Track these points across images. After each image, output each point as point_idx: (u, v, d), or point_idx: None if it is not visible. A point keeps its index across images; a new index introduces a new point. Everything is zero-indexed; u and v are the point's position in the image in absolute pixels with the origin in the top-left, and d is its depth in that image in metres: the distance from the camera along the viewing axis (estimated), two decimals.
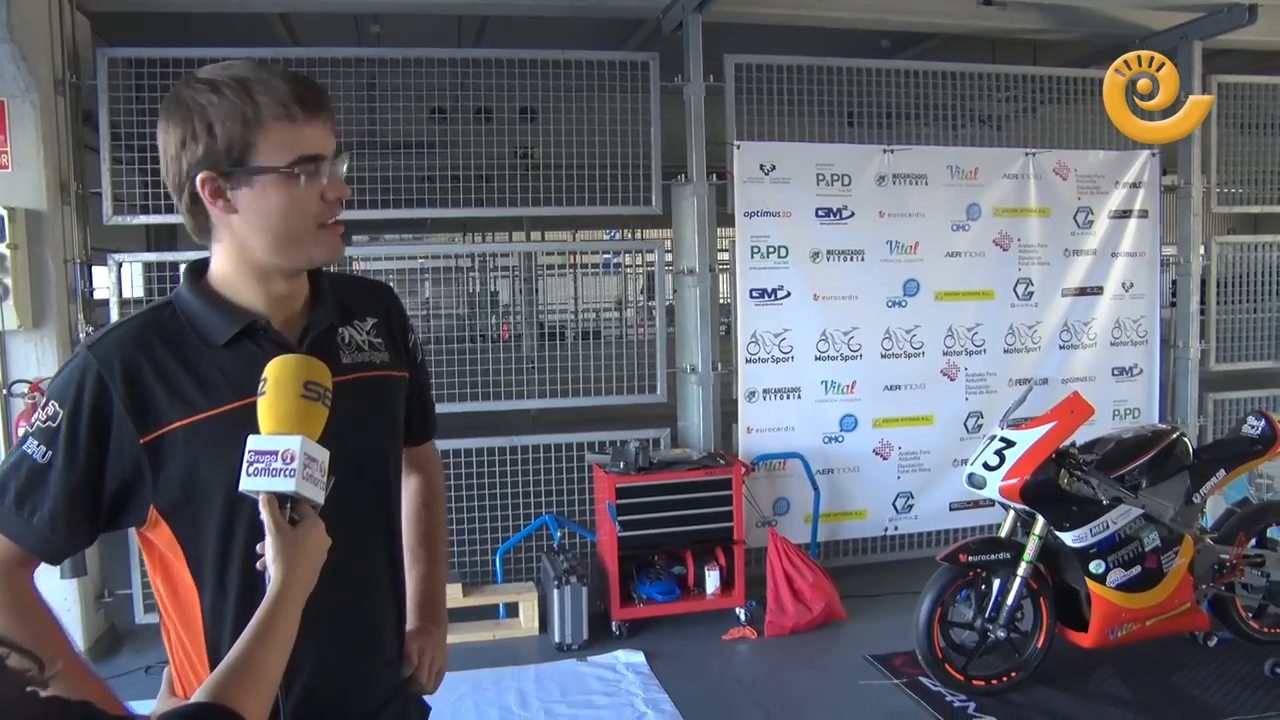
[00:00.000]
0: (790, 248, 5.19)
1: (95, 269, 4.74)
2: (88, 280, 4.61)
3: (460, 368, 4.97)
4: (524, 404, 5.26)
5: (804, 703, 4.01)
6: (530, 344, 9.08)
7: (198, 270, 1.43)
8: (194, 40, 4.79)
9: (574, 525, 5.01)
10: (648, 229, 9.42)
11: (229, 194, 1.33)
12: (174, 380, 1.33)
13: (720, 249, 5.50)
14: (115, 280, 4.80)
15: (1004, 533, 4.03)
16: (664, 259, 5.40)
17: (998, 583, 3.88)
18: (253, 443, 1.22)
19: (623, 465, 4.70)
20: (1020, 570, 3.84)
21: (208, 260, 1.43)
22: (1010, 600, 3.85)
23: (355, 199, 4.50)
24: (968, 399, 5.53)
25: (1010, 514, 4.02)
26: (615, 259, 13.76)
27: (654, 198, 5.09)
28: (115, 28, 5.32)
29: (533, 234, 11.41)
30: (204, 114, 1.30)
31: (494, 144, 5.05)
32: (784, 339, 5.23)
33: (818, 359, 5.28)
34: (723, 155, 5.16)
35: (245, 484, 1.21)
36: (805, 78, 5.25)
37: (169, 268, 4.95)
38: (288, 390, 1.24)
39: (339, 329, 1.48)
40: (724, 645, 4.55)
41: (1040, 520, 3.85)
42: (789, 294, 5.21)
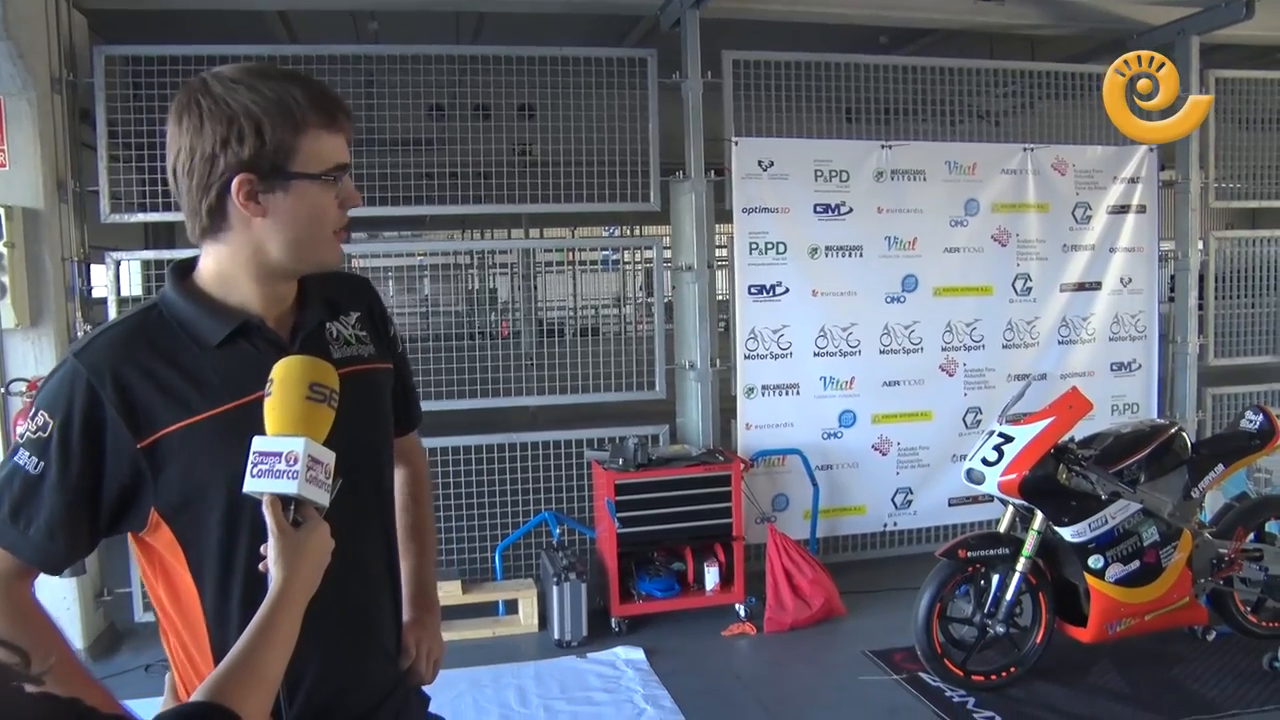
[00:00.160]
0: (789, 244, 5.19)
1: (93, 267, 4.74)
2: (85, 278, 4.61)
3: (460, 365, 4.97)
4: (523, 401, 5.27)
5: (803, 698, 4.01)
6: (529, 341, 9.10)
7: (182, 271, 1.42)
8: (191, 38, 4.77)
9: (573, 522, 5.01)
10: (646, 225, 9.42)
11: (261, 197, 1.32)
12: (167, 383, 1.32)
13: (719, 245, 5.50)
14: (113, 278, 4.81)
15: (1003, 528, 4.03)
16: (662, 255, 5.40)
17: (997, 578, 3.88)
18: (257, 444, 1.22)
19: (622, 462, 4.70)
20: (1019, 565, 3.84)
21: (192, 261, 1.42)
22: (1009, 595, 3.85)
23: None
24: (966, 394, 5.54)
25: (1009, 509, 4.02)
26: (614, 255, 13.77)
27: (652, 194, 5.09)
28: (112, 25, 5.31)
29: (531, 231, 11.41)
30: (250, 114, 1.28)
31: (492, 141, 5.05)
32: (782, 335, 5.23)
33: (816, 355, 5.28)
34: (721, 151, 5.15)
35: (249, 485, 1.21)
36: (803, 74, 5.25)
37: (167, 266, 4.94)
38: (293, 391, 1.24)
39: (326, 324, 1.48)
40: (723, 641, 4.56)
41: (1039, 515, 3.85)
42: (787, 290, 5.21)
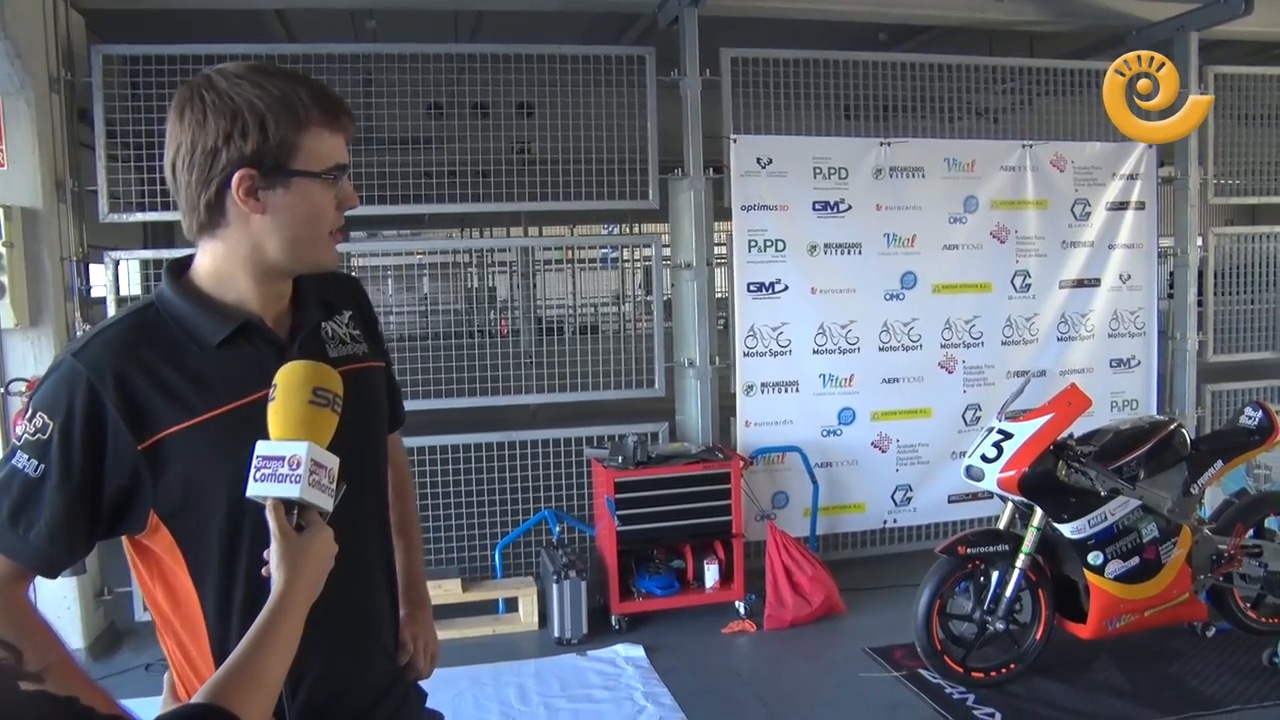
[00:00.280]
0: (787, 241, 5.19)
1: (92, 267, 4.73)
2: (84, 278, 4.60)
3: (459, 363, 4.97)
4: (523, 399, 5.27)
5: (803, 696, 4.01)
6: (528, 339, 9.10)
7: (178, 269, 1.40)
8: (189, 37, 4.76)
9: (573, 520, 5.01)
10: (645, 223, 9.42)
11: (261, 193, 1.31)
12: (168, 384, 1.31)
13: (717, 243, 5.50)
14: (112, 278, 4.81)
15: (1002, 525, 4.03)
16: (661, 253, 5.40)
17: (996, 575, 3.88)
18: (260, 448, 1.21)
19: (621, 460, 4.70)
20: (1019, 562, 3.84)
21: (188, 259, 1.41)
22: (1009, 592, 3.85)
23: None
24: (965, 391, 5.54)
25: (1008, 506, 4.03)
26: (613, 253, 13.79)
27: (651, 192, 5.09)
28: (110, 24, 5.30)
29: (530, 229, 11.39)
30: (255, 110, 1.28)
31: (491, 139, 5.05)
32: (781, 332, 5.23)
33: (815, 352, 5.28)
34: (719, 149, 5.15)
35: (252, 489, 1.21)
36: (802, 71, 5.25)
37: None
38: (296, 396, 1.23)
39: (322, 324, 1.48)
40: (723, 639, 4.56)
41: (1038, 512, 3.85)
42: (786, 287, 5.21)
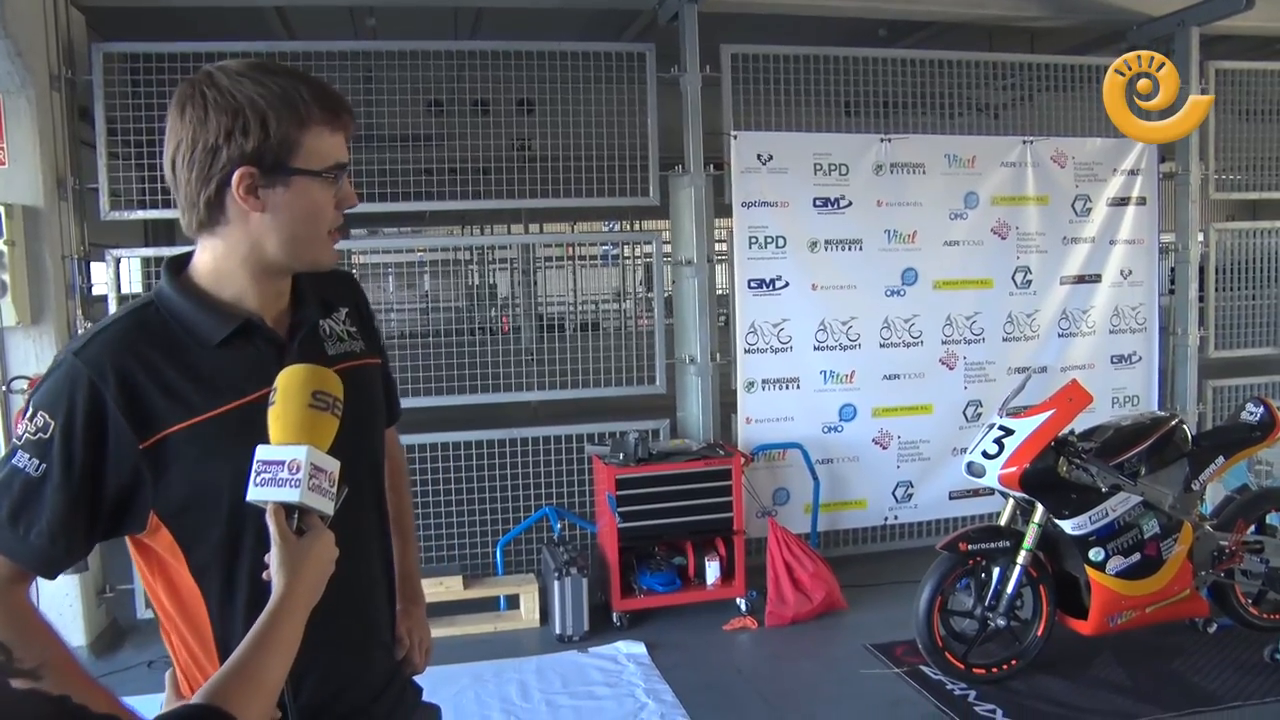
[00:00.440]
0: (788, 238, 5.19)
1: (93, 265, 4.74)
2: (86, 276, 4.61)
3: (460, 360, 4.97)
4: (523, 396, 5.27)
5: (805, 692, 4.02)
6: (529, 336, 9.11)
7: (177, 267, 1.40)
8: (189, 35, 4.76)
9: (574, 517, 5.02)
10: (646, 220, 9.42)
11: (261, 191, 1.31)
12: (169, 383, 1.31)
13: (718, 239, 5.49)
14: (113, 276, 4.81)
15: (1003, 521, 4.03)
16: (662, 250, 5.39)
17: (997, 571, 3.88)
18: (260, 453, 1.21)
19: (622, 456, 4.71)
20: (1020, 558, 3.84)
21: (186, 257, 1.41)
22: (1010, 588, 3.85)
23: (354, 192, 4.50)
24: (966, 387, 5.54)
25: (1009, 502, 4.02)
26: (613, 250, 13.80)
27: (652, 189, 5.09)
28: (110, 22, 5.31)
29: (531, 226, 11.39)
30: (256, 107, 1.27)
31: (491, 136, 5.05)
32: (782, 329, 5.23)
33: (816, 349, 5.28)
34: (720, 146, 5.15)
35: (252, 494, 1.21)
36: (802, 67, 5.24)
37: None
38: (296, 400, 1.23)
39: (320, 322, 1.48)
40: (725, 635, 4.56)
41: (1039, 508, 3.85)
42: (787, 284, 5.21)
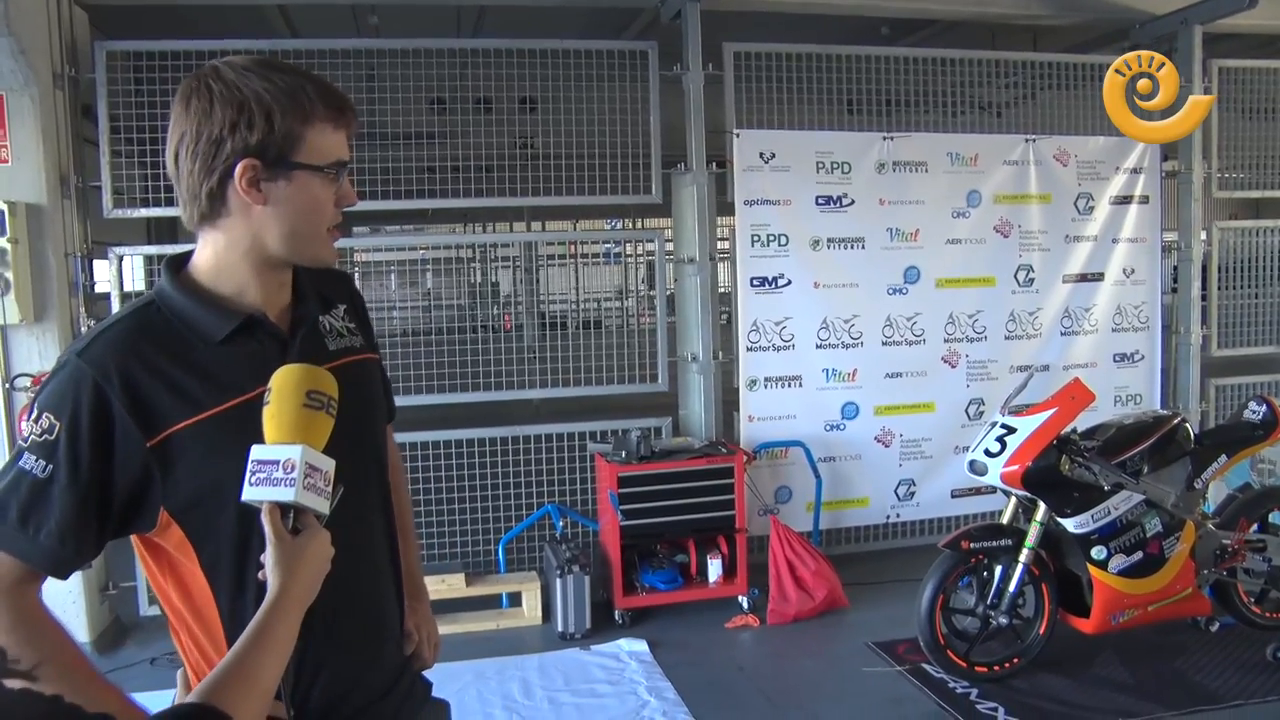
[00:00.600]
0: (790, 236, 5.19)
1: (96, 262, 4.74)
2: (89, 274, 4.62)
3: (462, 358, 4.98)
4: (525, 394, 5.27)
5: (807, 690, 4.02)
6: (532, 334, 9.11)
7: (176, 265, 1.41)
8: (192, 33, 4.77)
9: (576, 514, 5.02)
10: (648, 218, 9.42)
11: (263, 184, 1.32)
12: (174, 380, 1.31)
13: (720, 237, 5.49)
14: (116, 274, 4.81)
15: (1006, 519, 4.03)
16: (664, 248, 5.39)
17: (1000, 569, 3.88)
18: (255, 453, 1.21)
19: (624, 454, 4.71)
20: (1022, 557, 3.84)
21: (185, 255, 1.41)
22: (1012, 586, 3.85)
23: (355, 190, 4.51)
24: (969, 386, 5.53)
25: (1012, 500, 4.02)
26: (615, 248, 13.79)
27: (654, 187, 5.08)
28: (113, 21, 5.31)
29: (533, 224, 11.40)
30: (261, 101, 1.29)
31: (494, 134, 5.05)
32: (785, 327, 5.23)
33: (819, 347, 5.28)
34: (722, 144, 5.15)
35: (247, 494, 1.21)
36: (804, 65, 5.24)
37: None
38: (290, 399, 1.24)
39: (320, 318, 1.49)
40: (727, 633, 4.57)
41: (1042, 507, 3.85)
42: (789, 282, 5.21)
